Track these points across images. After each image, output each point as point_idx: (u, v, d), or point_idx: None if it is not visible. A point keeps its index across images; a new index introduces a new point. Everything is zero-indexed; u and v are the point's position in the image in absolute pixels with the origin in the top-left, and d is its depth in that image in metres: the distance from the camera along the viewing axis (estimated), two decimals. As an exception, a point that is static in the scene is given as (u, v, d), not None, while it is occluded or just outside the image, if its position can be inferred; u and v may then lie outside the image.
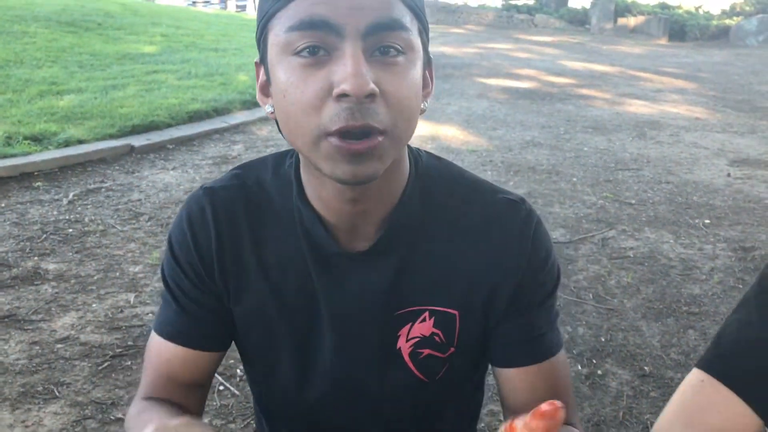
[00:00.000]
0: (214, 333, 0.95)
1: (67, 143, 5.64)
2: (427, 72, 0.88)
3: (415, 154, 0.95)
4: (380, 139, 0.76)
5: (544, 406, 0.59)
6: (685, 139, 6.83)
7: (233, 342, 1.01)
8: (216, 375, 2.68)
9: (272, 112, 0.83)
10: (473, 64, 12.05)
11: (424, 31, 0.83)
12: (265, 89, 0.85)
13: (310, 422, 1.03)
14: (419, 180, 0.92)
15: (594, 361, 2.95)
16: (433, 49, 0.84)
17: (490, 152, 6.40)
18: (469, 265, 0.91)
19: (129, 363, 2.83)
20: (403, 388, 0.95)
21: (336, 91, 0.73)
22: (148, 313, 3.14)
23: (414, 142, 4.60)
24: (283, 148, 0.99)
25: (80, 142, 5.81)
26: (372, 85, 0.73)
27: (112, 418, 2.46)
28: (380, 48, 0.75)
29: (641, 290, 3.60)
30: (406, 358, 0.93)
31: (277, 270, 0.93)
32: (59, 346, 2.87)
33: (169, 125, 6.51)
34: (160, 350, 0.95)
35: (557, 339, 0.94)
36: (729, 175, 5.61)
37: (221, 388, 2.65)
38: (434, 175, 0.94)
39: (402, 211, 0.89)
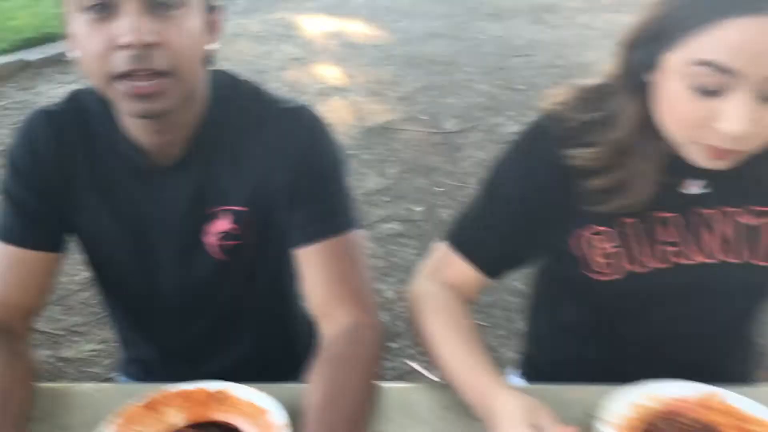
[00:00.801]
0: (53, 235, 1.11)
1: (-45, 63, 5.47)
2: (214, 16, 1.05)
3: (218, 77, 1.11)
4: (165, 80, 0.94)
5: None
6: (578, 21, 7.07)
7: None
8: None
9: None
10: (380, -48, 11.83)
11: None
12: (72, 36, 1.00)
13: (152, 314, 1.25)
14: (217, 103, 1.09)
15: (471, 240, 3.27)
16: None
17: (391, 46, 6.50)
18: (255, 168, 1.09)
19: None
20: (210, 272, 1.16)
21: (118, 42, 0.91)
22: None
23: (319, 40, 4.77)
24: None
25: (-30, 60, 5.64)
26: (149, 36, 0.90)
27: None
28: (158, 4, 0.92)
29: (521, 172, 3.90)
30: (211, 248, 1.14)
31: (107, 181, 1.10)
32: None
33: (64, 37, 6.32)
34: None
35: (346, 221, 1.10)
36: (615, 55, 5.91)
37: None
38: (230, 95, 1.11)
39: (201, 131, 1.08)
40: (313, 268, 1.09)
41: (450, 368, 1.02)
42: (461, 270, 1.14)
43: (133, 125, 1.05)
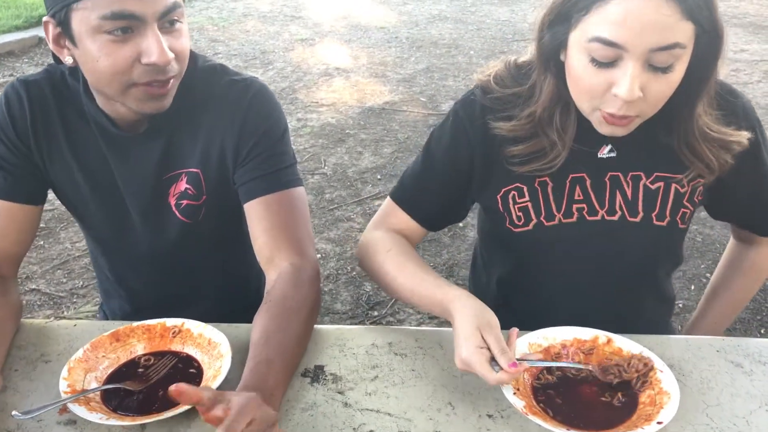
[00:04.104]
0: (32, 190, 1.23)
1: (-29, 38, 5.63)
2: None
3: None
4: (173, 81, 1.11)
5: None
6: (585, 7, 7.12)
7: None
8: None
9: (72, 63, 1.10)
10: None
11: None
12: (60, 42, 1.09)
13: (126, 269, 1.40)
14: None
15: (457, 217, 3.39)
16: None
17: (397, 28, 6.61)
18: (205, 133, 1.22)
19: (42, 243, 3.17)
20: (175, 232, 1.30)
21: (146, 60, 1.04)
22: (58, 198, 3.44)
23: (327, 21, 4.95)
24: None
25: (-15, 36, 5.80)
26: (170, 54, 1.06)
27: (26, 288, 2.83)
28: (169, 21, 1.07)
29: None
30: (173, 209, 1.28)
31: (81, 146, 1.23)
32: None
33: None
34: None
35: (290, 178, 1.22)
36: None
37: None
38: (189, 74, 1.20)
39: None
40: (257, 220, 1.21)
41: (410, 288, 1.16)
42: (403, 220, 1.29)
43: (119, 111, 1.18)
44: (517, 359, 0.96)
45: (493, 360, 0.95)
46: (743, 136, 1.12)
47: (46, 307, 2.78)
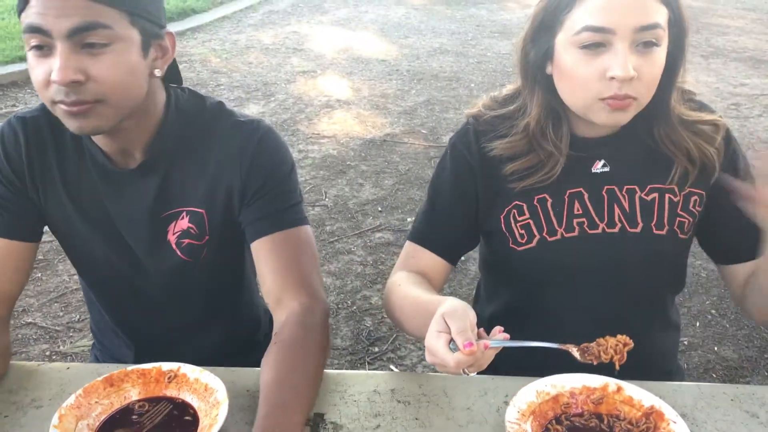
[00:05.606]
0: (29, 227, 1.22)
1: (-26, 68, 5.65)
2: (155, 47, 1.12)
3: (177, 95, 1.23)
4: (92, 104, 1.04)
5: None
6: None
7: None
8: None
9: None
10: (395, -32, 12.02)
11: (144, 19, 1.07)
12: None
13: (127, 307, 1.35)
14: (178, 114, 1.20)
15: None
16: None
17: (398, 61, 6.64)
18: (211, 173, 1.20)
19: (39, 275, 3.13)
20: (176, 270, 1.27)
21: (50, 78, 1.02)
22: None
23: (329, 54, 4.96)
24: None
25: (-12, 66, 5.82)
26: (74, 76, 1.01)
27: (22, 322, 2.79)
28: (88, 44, 1.02)
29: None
30: (174, 246, 1.25)
31: (75, 183, 1.22)
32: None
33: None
34: None
35: (297, 217, 1.21)
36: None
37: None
38: (190, 109, 1.22)
39: (160, 140, 1.19)
40: (264, 259, 1.19)
41: (412, 313, 1.15)
42: (423, 258, 1.28)
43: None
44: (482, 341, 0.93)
45: (452, 342, 0.92)
46: (717, 115, 1.21)
47: (42, 342, 2.74)
